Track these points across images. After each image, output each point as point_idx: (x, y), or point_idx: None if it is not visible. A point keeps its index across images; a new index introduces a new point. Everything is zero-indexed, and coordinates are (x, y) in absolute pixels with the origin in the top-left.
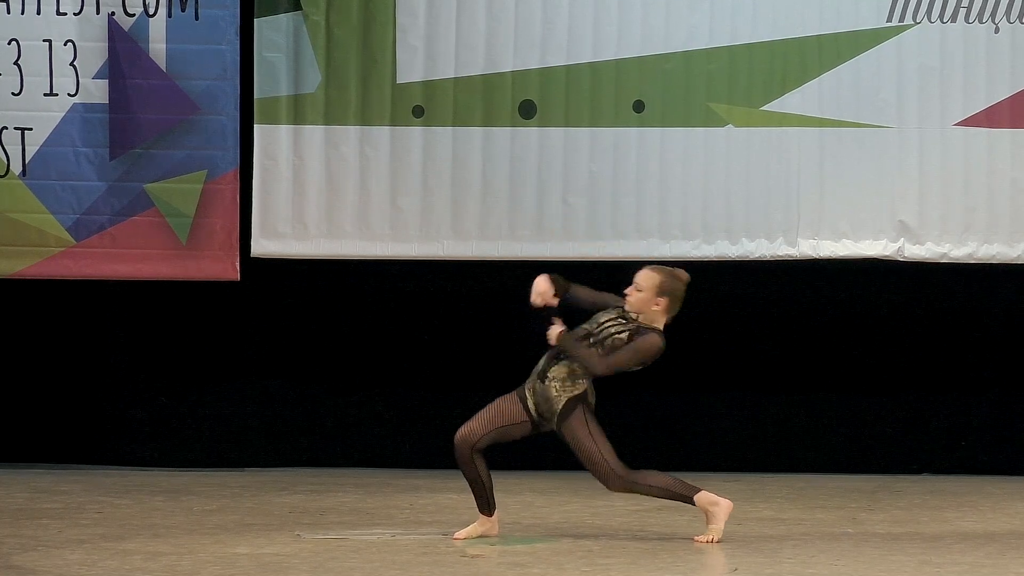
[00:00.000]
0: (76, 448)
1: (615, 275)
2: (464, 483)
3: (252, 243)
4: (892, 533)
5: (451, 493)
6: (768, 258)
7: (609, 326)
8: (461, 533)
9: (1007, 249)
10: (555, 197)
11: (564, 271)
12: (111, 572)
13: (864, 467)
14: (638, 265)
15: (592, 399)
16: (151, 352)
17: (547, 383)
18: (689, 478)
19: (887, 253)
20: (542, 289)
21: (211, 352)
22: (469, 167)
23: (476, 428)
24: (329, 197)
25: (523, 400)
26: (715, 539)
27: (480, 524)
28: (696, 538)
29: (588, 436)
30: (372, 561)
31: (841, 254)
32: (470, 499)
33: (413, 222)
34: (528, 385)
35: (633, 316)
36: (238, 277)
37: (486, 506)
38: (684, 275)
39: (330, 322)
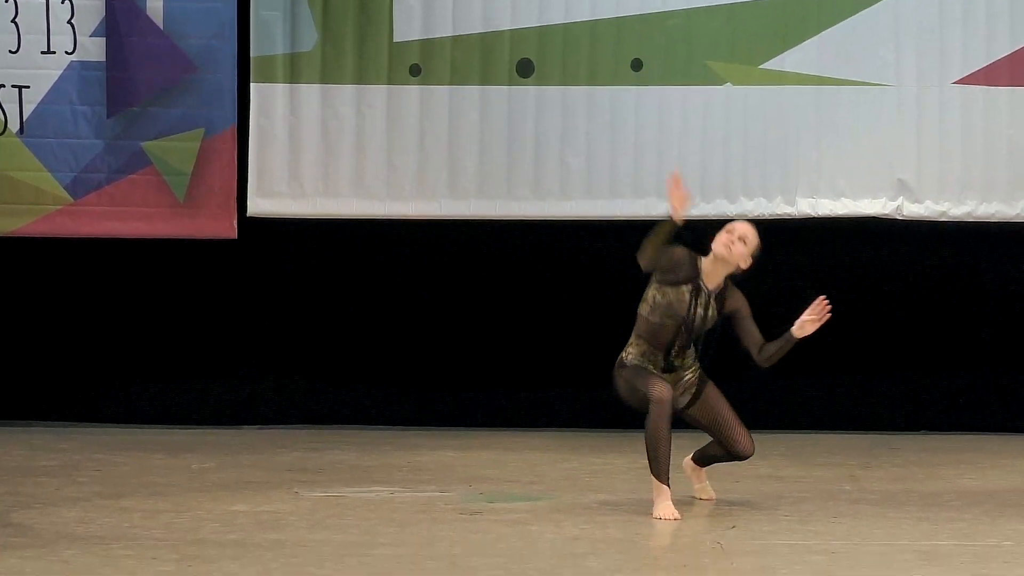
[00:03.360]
0: (73, 406)
1: (613, 235)
2: (464, 440)
3: (248, 202)
4: (890, 490)
5: (450, 451)
6: (767, 217)
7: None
8: (662, 513)
9: (1006, 207)
10: (553, 156)
11: (562, 230)
12: (109, 529)
13: (862, 425)
14: (636, 224)
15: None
16: (148, 310)
17: (677, 371)
18: (688, 437)
19: (886, 212)
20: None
21: (208, 310)
22: (466, 126)
23: (668, 387)
24: (325, 156)
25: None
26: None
27: (667, 496)
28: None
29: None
30: (369, 519)
31: (840, 213)
32: (469, 457)
33: (410, 181)
34: (664, 374)
35: (708, 288)
36: (236, 235)
37: (667, 475)
38: None
39: (328, 281)
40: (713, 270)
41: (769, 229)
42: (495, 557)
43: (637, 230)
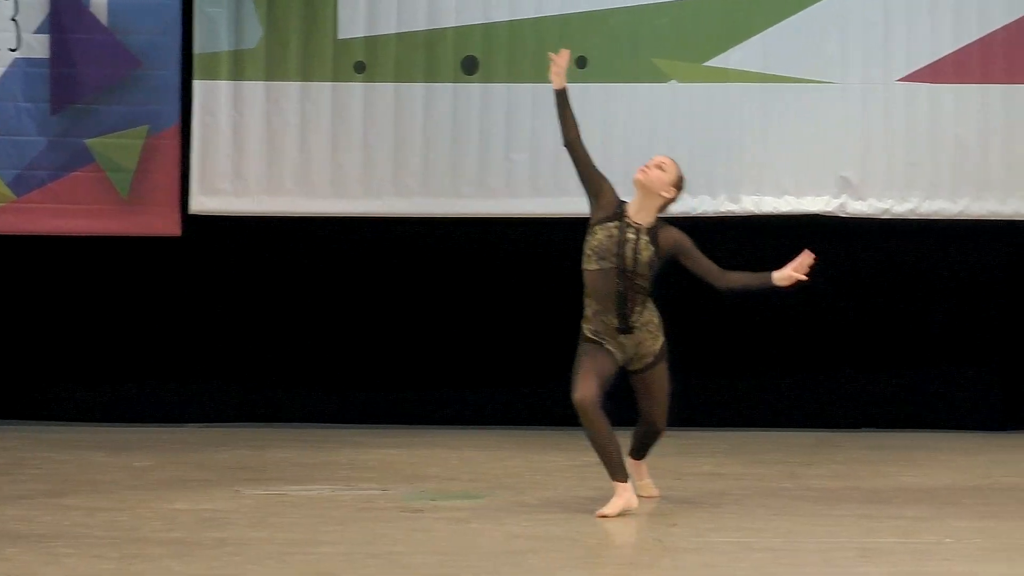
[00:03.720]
0: (16, 403)
1: (559, 231)
2: (407, 439)
3: (191, 200)
4: (832, 487)
5: (392, 449)
6: (711, 214)
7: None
8: (607, 510)
9: (949, 205)
10: (498, 153)
11: (508, 226)
12: (50, 527)
13: (804, 422)
14: (582, 222)
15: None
16: (91, 307)
17: (635, 332)
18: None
19: (829, 209)
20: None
21: (152, 308)
22: (411, 123)
23: (591, 386)
24: (269, 153)
25: (609, 353)
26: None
27: (623, 494)
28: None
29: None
30: (311, 516)
31: (783, 210)
32: (412, 455)
33: (354, 179)
34: (607, 339)
35: (636, 223)
36: (180, 232)
37: (622, 471)
38: None
39: (272, 279)
40: (640, 207)
41: (713, 225)
42: (436, 555)
43: (585, 226)
